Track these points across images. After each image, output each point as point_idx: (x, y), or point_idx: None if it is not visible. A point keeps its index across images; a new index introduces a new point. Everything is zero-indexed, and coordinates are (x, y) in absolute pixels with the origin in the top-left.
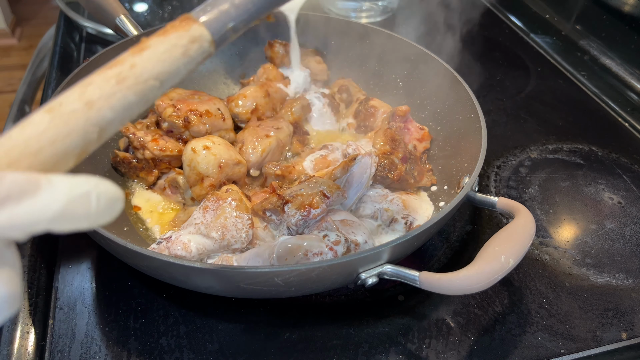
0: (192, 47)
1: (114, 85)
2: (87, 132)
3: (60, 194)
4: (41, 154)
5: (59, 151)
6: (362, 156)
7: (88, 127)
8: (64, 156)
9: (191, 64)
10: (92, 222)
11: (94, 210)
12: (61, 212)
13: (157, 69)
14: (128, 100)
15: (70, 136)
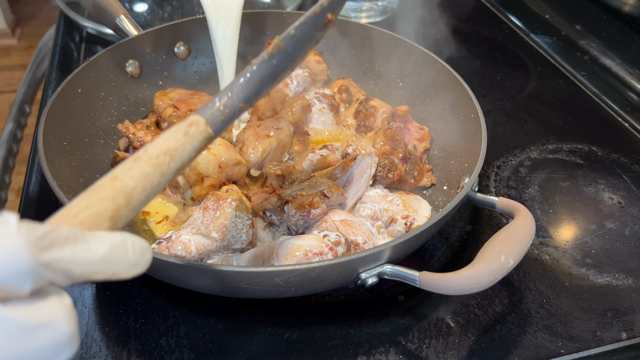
0: (191, 128)
1: (132, 162)
2: (114, 198)
3: (104, 241)
4: (79, 216)
5: (92, 213)
6: (362, 156)
7: (115, 193)
8: (98, 217)
9: (194, 141)
10: (129, 268)
11: (131, 256)
12: (106, 256)
13: (165, 146)
14: (144, 171)
15: (101, 202)
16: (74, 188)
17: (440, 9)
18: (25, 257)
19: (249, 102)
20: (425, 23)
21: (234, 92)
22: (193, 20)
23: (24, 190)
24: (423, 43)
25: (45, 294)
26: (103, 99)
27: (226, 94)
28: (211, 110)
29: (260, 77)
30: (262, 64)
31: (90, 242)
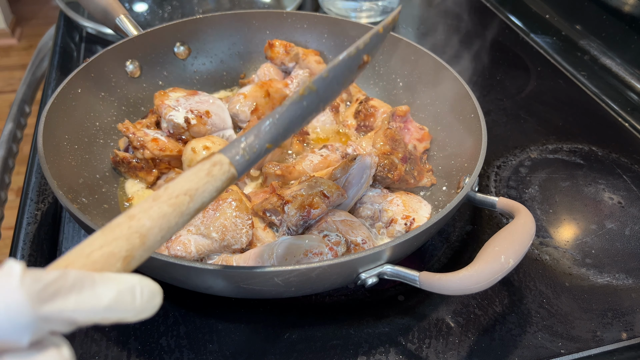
0: (214, 168)
1: (151, 202)
2: (129, 238)
3: (112, 287)
4: (92, 256)
5: (105, 253)
6: (362, 156)
7: (130, 233)
8: (111, 257)
9: (216, 181)
10: (136, 314)
11: (139, 302)
12: (113, 302)
13: (186, 186)
14: (163, 210)
15: (115, 241)
16: (74, 188)
17: (440, 8)
18: (26, 311)
19: (275, 142)
20: (425, 23)
21: (261, 132)
22: (193, 20)
23: (23, 190)
24: (423, 43)
25: (44, 346)
26: (103, 99)
27: (253, 133)
28: (236, 150)
29: (289, 117)
30: (292, 105)
31: (98, 288)
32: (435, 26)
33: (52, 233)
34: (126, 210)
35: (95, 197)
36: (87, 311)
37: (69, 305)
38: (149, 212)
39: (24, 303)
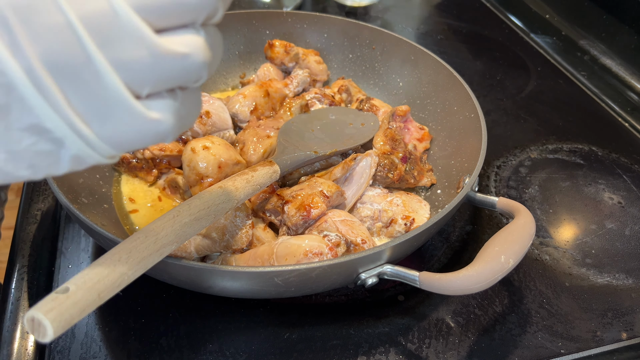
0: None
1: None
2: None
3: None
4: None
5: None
6: (362, 156)
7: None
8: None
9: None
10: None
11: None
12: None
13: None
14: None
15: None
16: (74, 188)
17: (440, 8)
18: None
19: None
20: (425, 23)
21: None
22: None
23: (23, 190)
24: (423, 43)
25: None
26: None
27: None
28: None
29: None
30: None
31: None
32: (435, 26)
33: (52, 233)
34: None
35: (95, 197)
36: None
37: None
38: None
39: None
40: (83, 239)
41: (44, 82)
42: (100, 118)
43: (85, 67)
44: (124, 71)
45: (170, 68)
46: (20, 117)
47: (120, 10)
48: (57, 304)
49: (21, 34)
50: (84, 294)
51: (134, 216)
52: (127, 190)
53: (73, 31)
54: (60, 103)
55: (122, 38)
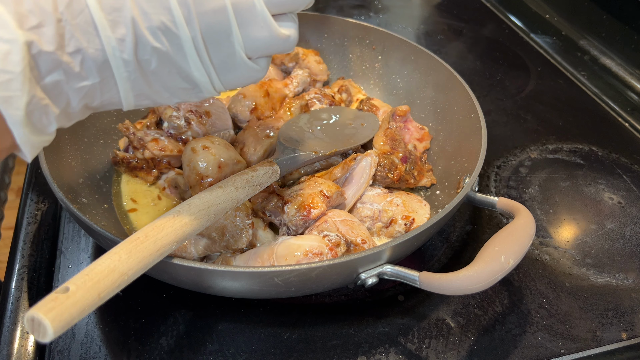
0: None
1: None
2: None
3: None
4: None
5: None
6: (362, 156)
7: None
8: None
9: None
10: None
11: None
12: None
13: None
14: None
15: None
16: (73, 188)
17: (440, 8)
18: None
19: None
20: (425, 23)
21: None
22: None
23: (23, 190)
24: (423, 43)
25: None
26: None
27: None
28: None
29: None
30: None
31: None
32: (435, 26)
33: (52, 233)
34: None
35: (95, 197)
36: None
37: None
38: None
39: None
40: (83, 239)
41: (201, 46)
42: (227, 71)
43: (227, 38)
44: (249, 43)
45: (277, 44)
46: (180, 65)
47: (257, 2)
48: (57, 304)
49: (194, 11)
50: (84, 294)
51: (134, 216)
52: (127, 190)
53: (226, 14)
54: (206, 59)
55: (255, 21)
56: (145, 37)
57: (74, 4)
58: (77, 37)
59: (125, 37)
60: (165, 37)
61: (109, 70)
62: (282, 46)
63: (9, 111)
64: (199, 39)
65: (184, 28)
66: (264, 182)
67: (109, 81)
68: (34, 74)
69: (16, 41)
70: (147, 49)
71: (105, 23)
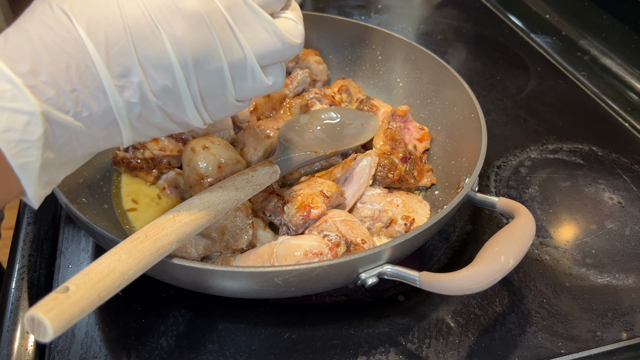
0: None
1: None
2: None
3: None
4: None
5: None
6: (362, 156)
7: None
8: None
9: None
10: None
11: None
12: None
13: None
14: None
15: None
16: (73, 188)
17: (440, 8)
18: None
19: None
20: (425, 23)
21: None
22: None
23: None
24: (423, 43)
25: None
26: None
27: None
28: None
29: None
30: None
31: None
32: (435, 26)
33: (52, 233)
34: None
35: (95, 197)
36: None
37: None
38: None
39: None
40: (83, 239)
41: (199, 100)
42: (218, 113)
43: (222, 93)
44: (240, 92)
45: (265, 91)
46: (179, 116)
47: (249, 59)
48: (57, 303)
49: (194, 74)
50: (84, 294)
51: (134, 216)
52: (127, 190)
53: (223, 74)
54: (202, 109)
55: (246, 76)
56: (150, 98)
57: (86, 74)
58: (88, 103)
59: (132, 99)
60: (168, 97)
61: (116, 126)
62: (269, 91)
63: (25, 175)
64: (197, 96)
65: (185, 88)
66: (264, 182)
67: (113, 133)
68: (48, 139)
69: (34, 113)
70: (152, 107)
71: (114, 89)
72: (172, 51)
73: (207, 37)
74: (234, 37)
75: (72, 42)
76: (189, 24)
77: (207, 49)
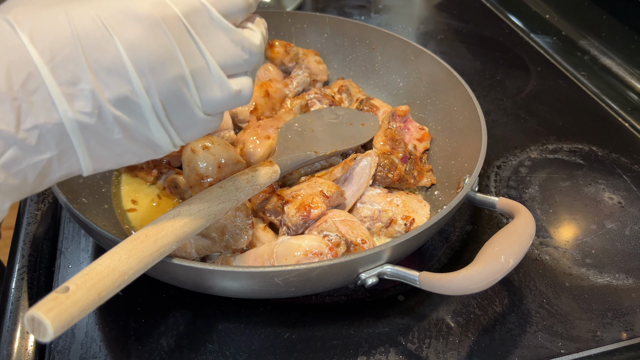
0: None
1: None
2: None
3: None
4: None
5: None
6: (362, 156)
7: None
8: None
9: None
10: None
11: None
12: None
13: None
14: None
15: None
16: (73, 188)
17: (440, 8)
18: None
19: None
20: (425, 23)
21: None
22: None
23: None
24: (423, 43)
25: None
26: None
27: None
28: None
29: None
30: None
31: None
32: (435, 26)
33: (52, 233)
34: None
35: (95, 197)
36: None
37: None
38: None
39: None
40: (83, 239)
41: (161, 112)
42: (187, 129)
43: (185, 103)
44: (206, 103)
45: (233, 102)
46: (142, 131)
47: (213, 67)
48: (57, 303)
49: (152, 81)
50: (84, 293)
51: (134, 216)
52: (127, 190)
53: (185, 80)
54: (167, 123)
55: (211, 84)
56: (106, 107)
57: (30, 82)
58: (34, 113)
59: (84, 109)
60: (126, 106)
61: (68, 141)
62: (237, 104)
63: None
64: (159, 106)
65: (144, 96)
66: (264, 182)
67: (67, 152)
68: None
69: None
70: (108, 119)
71: (62, 98)
72: (126, 56)
73: (164, 41)
74: (194, 43)
75: (14, 50)
76: (144, 27)
77: (165, 54)
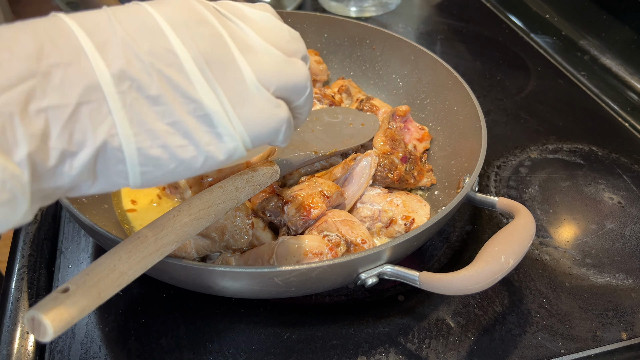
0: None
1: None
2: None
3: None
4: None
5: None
6: (362, 156)
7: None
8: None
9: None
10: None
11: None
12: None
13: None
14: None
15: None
16: None
17: (440, 8)
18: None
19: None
20: (425, 23)
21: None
22: None
23: None
24: (423, 43)
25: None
26: None
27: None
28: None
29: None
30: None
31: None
32: (435, 26)
33: (52, 233)
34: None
35: (95, 197)
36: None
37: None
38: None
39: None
40: (83, 239)
41: (204, 66)
42: (241, 102)
43: (231, 62)
44: (257, 69)
45: (288, 70)
46: (186, 90)
47: (250, 33)
48: (57, 303)
49: (188, 35)
50: (84, 293)
51: (134, 216)
52: (127, 190)
53: (223, 39)
54: (212, 80)
55: (255, 50)
56: (141, 57)
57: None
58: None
59: (118, 59)
60: (162, 56)
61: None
62: (293, 72)
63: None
64: (200, 59)
65: (181, 48)
66: (264, 182)
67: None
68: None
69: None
70: (145, 69)
71: (95, 51)
72: (159, 16)
73: (198, 7)
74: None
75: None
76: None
77: (199, 16)
